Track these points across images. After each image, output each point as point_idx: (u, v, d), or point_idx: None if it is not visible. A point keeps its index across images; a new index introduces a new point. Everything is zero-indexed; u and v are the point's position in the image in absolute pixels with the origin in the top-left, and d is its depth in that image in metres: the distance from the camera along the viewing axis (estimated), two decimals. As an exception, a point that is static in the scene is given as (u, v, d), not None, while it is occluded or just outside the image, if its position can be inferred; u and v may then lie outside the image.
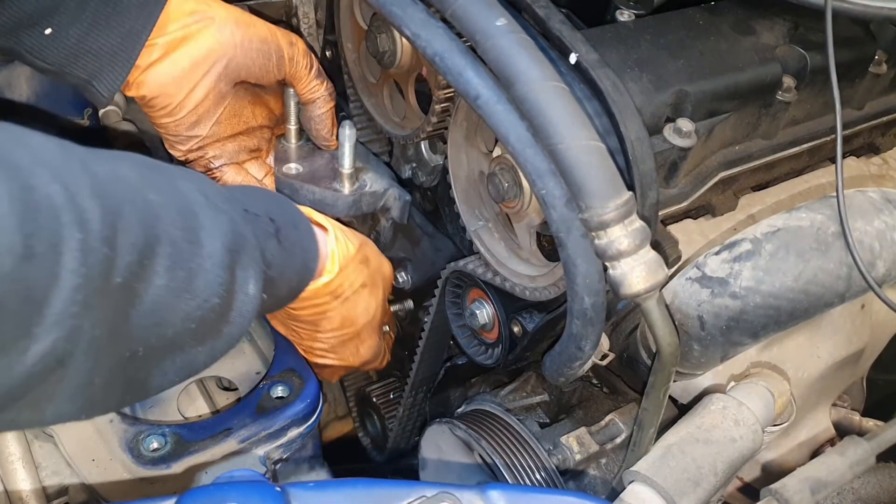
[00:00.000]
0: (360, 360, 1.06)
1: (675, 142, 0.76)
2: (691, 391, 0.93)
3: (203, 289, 0.61)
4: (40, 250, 0.44)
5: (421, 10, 0.74)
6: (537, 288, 0.83)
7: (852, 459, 0.86)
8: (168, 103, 0.92)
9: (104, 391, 0.56)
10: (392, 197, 1.03)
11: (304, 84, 1.01)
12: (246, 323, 0.70)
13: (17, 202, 0.42)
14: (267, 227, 0.76)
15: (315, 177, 1.03)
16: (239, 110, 1.00)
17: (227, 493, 0.64)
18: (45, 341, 0.46)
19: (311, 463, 1.12)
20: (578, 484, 0.93)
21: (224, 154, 1.02)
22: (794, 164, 0.94)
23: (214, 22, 0.91)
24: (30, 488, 0.90)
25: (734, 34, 0.84)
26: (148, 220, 0.55)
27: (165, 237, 0.57)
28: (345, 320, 0.97)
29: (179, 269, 0.58)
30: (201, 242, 0.61)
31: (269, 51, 0.95)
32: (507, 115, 0.70)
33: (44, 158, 0.47)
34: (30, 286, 0.44)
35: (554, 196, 0.69)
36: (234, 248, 0.65)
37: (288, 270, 0.80)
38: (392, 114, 1.02)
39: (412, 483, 0.67)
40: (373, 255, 0.99)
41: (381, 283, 1.02)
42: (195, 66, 0.90)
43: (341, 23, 1.01)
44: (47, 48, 0.83)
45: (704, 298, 0.80)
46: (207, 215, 0.63)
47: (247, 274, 0.68)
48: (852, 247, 0.78)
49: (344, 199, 1.00)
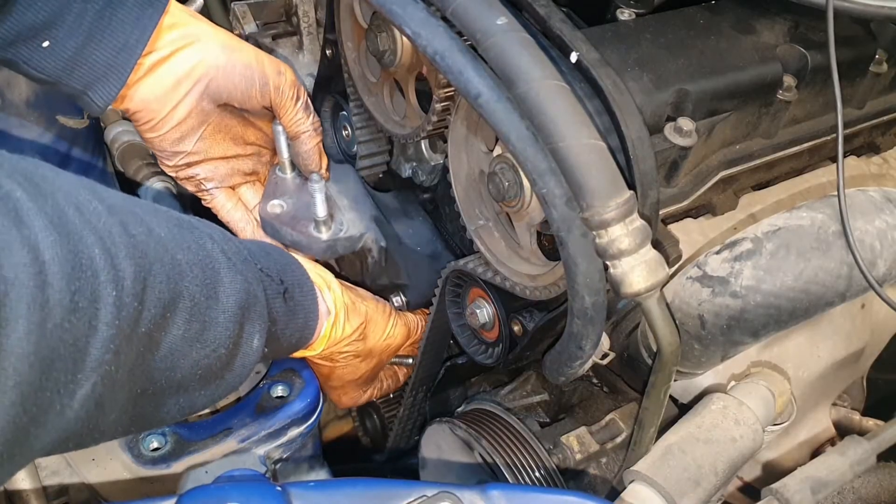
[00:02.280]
0: (342, 405, 1.16)
1: (675, 141, 0.76)
2: (692, 390, 0.93)
3: (213, 339, 0.68)
4: (83, 305, 0.50)
5: (421, 9, 0.74)
6: (538, 287, 0.83)
7: (853, 459, 0.86)
8: (151, 118, 0.94)
9: (114, 422, 0.61)
10: (370, 239, 1.05)
11: (289, 115, 1.02)
12: (246, 372, 0.77)
13: (67, 263, 0.49)
14: (277, 288, 0.83)
15: (295, 217, 1.05)
16: (228, 129, 1.01)
17: (227, 492, 0.64)
18: (86, 385, 0.52)
19: (311, 462, 1.12)
20: (579, 483, 0.93)
21: (216, 176, 1.04)
22: (795, 163, 0.94)
23: (199, 42, 0.92)
24: (30, 488, 0.89)
25: (735, 33, 0.84)
26: (174, 278, 0.62)
27: (187, 293, 0.64)
28: (332, 375, 1.05)
29: (196, 321, 0.65)
30: (218, 298, 0.68)
31: (252, 76, 0.96)
32: (508, 113, 0.69)
33: (90, 221, 0.54)
34: (75, 335, 0.50)
35: (554, 195, 0.68)
36: (245, 305, 0.72)
37: (290, 328, 0.87)
38: (392, 113, 1.02)
39: (412, 483, 0.67)
40: (375, 332, 1.03)
41: (381, 352, 1.06)
42: (177, 84, 0.92)
43: (341, 21, 1.01)
44: (45, 60, 0.85)
45: (705, 297, 0.80)
46: (227, 275, 0.70)
47: (253, 329, 0.75)
48: (853, 246, 0.78)
49: (319, 243, 1.03)
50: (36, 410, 0.49)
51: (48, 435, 0.52)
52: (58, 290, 0.48)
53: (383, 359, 1.08)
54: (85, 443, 0.60)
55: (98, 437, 0.61)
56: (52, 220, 0.50)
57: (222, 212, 1.07)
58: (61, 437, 0.54)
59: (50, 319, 0.48)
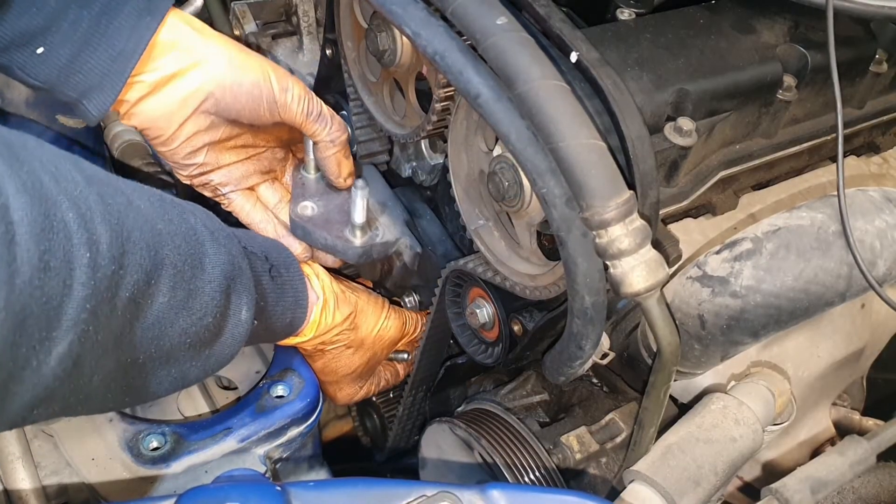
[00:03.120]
0: (338, 401, 1.16)
1: (675, 140, 0.76)
2: (692, 390, 0.93)
3: (200, 308, 0.70)
4: (54, 265, 0.52)
5: (421, 9, 0.74)
6: (538, 287, 0.83)
7: (852, 459, 0.86)
8: (160, 135, 0.93)
9: (102, 390, 0.63)
10: (404, 245, 1.04)
11: (304, 128, 1.00)
12: (237, 345, 0.79)
13: (36, 225, 0.51)
14: (263, 264, 0.86)
15: (329, 221, 1.03)
16: (238, 137, 0.99)
17: (227, 492, 0.64)
18: (62, 344, 0.54)
19: (311, 462, 1.12)
20: (578, 483, 0.93)
21: (231, 180, 1.02)
22: (795, 163, 0.94)
23: (206, 62, 0.90)
24: (30, 487, 0.89)
25: (734, 33, 0.84)
26: (154, 246, 0.64)
27: (169, 261, 0.65)
28: (325, 368, 1.06)
29: (180, 289, 0.67)
30: (204, 268, 0.71)
31: (259, 95, 0.93)
32: (508, 113, 0.69)
33: (66, 189, 0.56)
34: (47, 294, 0.52)
35: (554, 195, 0.68)
36: (231, 276, 0.75)
37: (280, 306, 0.89)
38: (392, 112, 1.02)
39: (412, 483, 0.67)
40: (366, 322, 1.03)
41: (374, 345, 1.06)
42: (184, 103, 0.91)
43: (341, 21, 1.01)
44: (38, 66, 0.84)
45: (705, 297, 0.79)
46: (211, 247, 0.73)
47: (241, 300, 0.78)
48: (853, 246, 0.78)
49: (354, 249, 1.02)
50: (12, 365, 0.51)
51: (28, 392, 0.54)
52: (25, 249, 0.50)
53: (378, 352, 1.08)
54: (72, 407, 0.62)
55: (85, 402, 0.62)
56: (25, 185, 0.52)
57: (242, 214, 1.06)
58: (42, 395, 0.55)
59: (18, 276, 0.50)
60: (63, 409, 0.61)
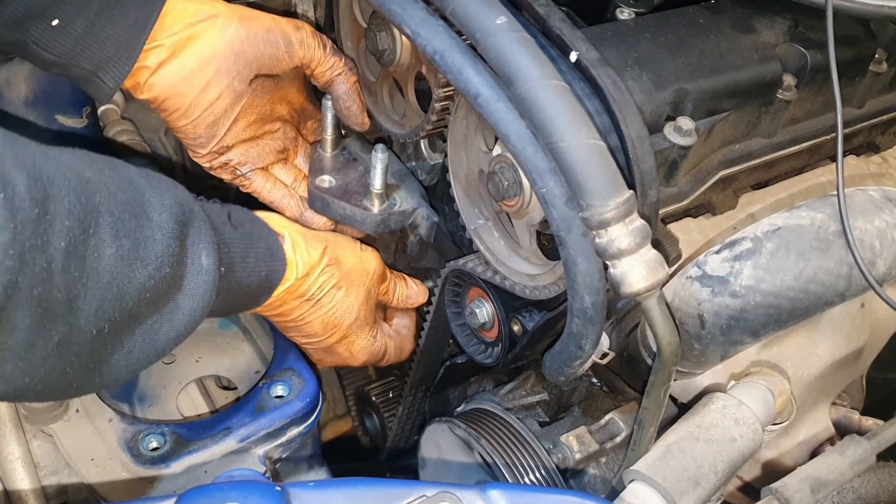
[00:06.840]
0: (358, 359, 1.06)
1: (675, 140, 0.76)
2: (691, 390, 0.93)
3: (154, 258, 0.67)
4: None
5: (421, 8, 0.74)
6: (537, 286, 0.83)
7: (852, 458, 0.86)
8: (181, 104, 0.92)
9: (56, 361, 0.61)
10: (421, 216, 1.04)
11: (321, 65, 1.00)
12: (204, 296, 0.75)
13: None
14: (218, 210, 0.83)
15: (347, 192, 1.03)
16: (256, 108, 0.99)
17: (226, 492, 0.64)
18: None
19: (311, 462, 1.12)
20: (578, 483, 0.93)
21: (249, 159, 1.02)
22: (794, 162, 0.94)
23: (219, 19, 0.91)
24: (29, 488, 0.89)
25: (734, 32, 0.84)
26: (82, 192, 0.60)
27: (105, 208, 0.62)
28: (326, 324, 0.98)
29: (125, 238, 0.64)
30: (149, 216, 0.68)
31: (276, 39, 0.95)
32: (508, 113, 0.69)
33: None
34: None
35: (554, 195, 0.68)
36: (182, 220, 0.72)
37: (252, 257, 0.84)
38: (392, 112, 1.02)
39: (412, 483, 0.67)
40: (345, 255, 0.98)
41: (362, 280, 1.01)
42: (204, 65, 0.91)
43: (341, 21, 1.01)
44: (54, 39, 0.84)
45: (705, 297, 0.79)
46: (153, 194, 0.69)
47: (197, 245, 0.74)
48: (853, 245, 0.78)
49: (373, 217, 1.01)
50: None
51: None
52: None
53: (370, 288, 1.02)
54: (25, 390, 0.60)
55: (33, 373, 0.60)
56: None
57: (263, 192, 1.04)
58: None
59: None
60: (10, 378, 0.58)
